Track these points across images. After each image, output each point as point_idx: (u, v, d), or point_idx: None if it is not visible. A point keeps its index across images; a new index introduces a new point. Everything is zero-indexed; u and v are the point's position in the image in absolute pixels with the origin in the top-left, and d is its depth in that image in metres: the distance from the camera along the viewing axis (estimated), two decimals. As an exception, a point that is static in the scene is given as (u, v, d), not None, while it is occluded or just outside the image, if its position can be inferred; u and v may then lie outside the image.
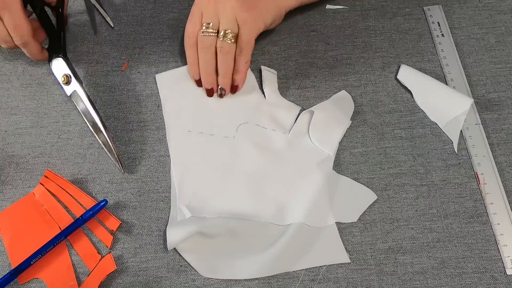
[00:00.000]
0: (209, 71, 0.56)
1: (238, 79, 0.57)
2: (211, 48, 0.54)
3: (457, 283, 0.47)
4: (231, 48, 0.54)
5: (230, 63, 0.55)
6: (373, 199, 0.51)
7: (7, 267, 0.49)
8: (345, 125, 0.55)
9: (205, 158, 0.54)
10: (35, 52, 0.57)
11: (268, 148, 0.54)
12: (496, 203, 0.51)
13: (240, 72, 0.56)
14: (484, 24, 0.62)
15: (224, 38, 0.53)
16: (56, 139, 0.56)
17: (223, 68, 0.55)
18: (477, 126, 0.55)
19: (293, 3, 0.59)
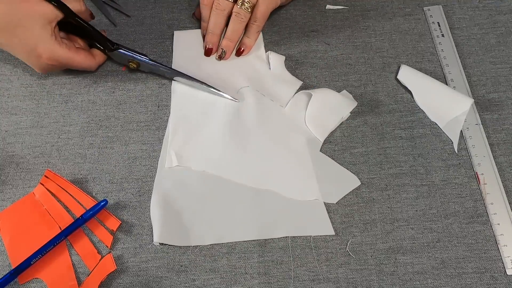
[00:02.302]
0: (215, 31, 0.59)
1: (247, 43, 0.60)
2: (224, 11, 0.57)
3: (457, 283, 0.47)
4: (246, 16, 0.57)
5: (241, 30, 0.59)
6: (357, 184, 0.52)
7: (7, 267, 0.49)
8: (342, 115, 0.56)
9: (202, 112, 0.57)
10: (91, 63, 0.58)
11: (263, 116, 0.56)
12: (496, 203, 0.51)
13: (251, 38, 0.59)
14: (484, 24, 0.62)
15: (242, 5, 0.56)
16: (56, 139, 0.56)
17: (232, 33, 0.58)
18: (477, 126, 0.55)
19: None
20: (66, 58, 0.55)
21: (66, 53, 0.55)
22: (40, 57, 0.54)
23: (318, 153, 0.54)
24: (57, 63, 0.55)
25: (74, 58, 0.56)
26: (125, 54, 0.58)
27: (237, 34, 0.59)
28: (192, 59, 0.60)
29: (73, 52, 0.56)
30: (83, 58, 0.57)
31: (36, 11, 0.52)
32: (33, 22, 0.52)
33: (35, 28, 0.53)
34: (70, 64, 0.56)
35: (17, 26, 0.52)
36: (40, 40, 0.53)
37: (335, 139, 0.55)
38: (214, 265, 0.49)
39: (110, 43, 0.59)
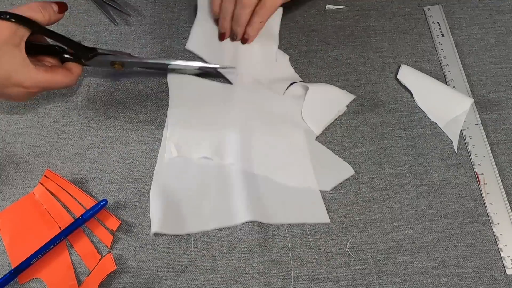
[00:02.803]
0: (226, 17, 0.60)
1: (249, 32, 0.59)
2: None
3: (457, 283, 0.47)
4: (249, 4, 0.57)
5: (243, 18, 0.58)
6: (350, 174, 0.53)
7: (7, 267, 0.49)
8: (339, 108, 0.56)
9: (199, 100, 0.58)
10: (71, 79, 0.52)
11: (261, 103, 0.57)
12: (496, 203, 0.51)
13: (252, 27, 0.59)
14: (484, 24, 0.62)
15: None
16: (56, 139, 0.56)
17: (236, 18, 0.59)
18: (477, 126, 0.55)
19: None
20: (46, 81, 0.49)
21: (45, 76, 0.49)
22: (19, 86, 0.48)
23: (314, 142, 0.55)
24: (37, 89, 0.49)
25: (54, 79, 0.50)
26: (106, 57, 0.54)
27: (243, 20, 0.58)
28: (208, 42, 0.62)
29: (51, 73, 0.49)
30: (62, 76, 0.50)
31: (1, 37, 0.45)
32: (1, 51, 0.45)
33: (4, 57, 0.46)
34: (50, 87, 0.50)
35: None
36: (14, 68, 0.46)
37: (335, 139, 0.55)
38: (214, 265, 0.49)
39: (88, 50, 0.53)
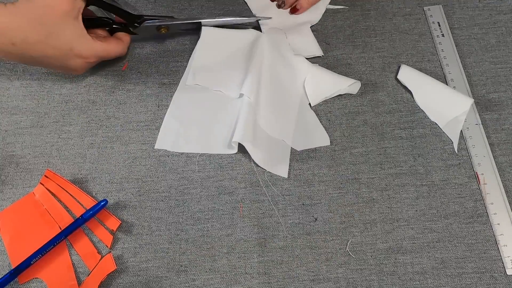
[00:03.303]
0: None
1: (303, 3, 0.61)
2: None
3: (457, 283, 0.47)
4: None
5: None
6: (326, 144, 0.55)
7: (7, 267, 0.49)
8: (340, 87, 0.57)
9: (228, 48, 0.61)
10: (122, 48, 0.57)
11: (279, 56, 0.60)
12: (496, 203, 0.51)
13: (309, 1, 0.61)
14: (484, 24, 0.62)
15: None
16: (56, 139, 0.56)
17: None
18: (477, 126, 0.55)
19: None
20: (103, 51, 0.54)
21: (101, 45, 0.53)
22: (79, 57, 0.52)
23: (307, 105, 0.57)
24: (96, 58, 0.54)
25: (109, 48, 0.54)
26: (153, 24, 0.58)
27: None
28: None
29: (106, 43, 0.54)
30: (115, 45, 0.55)
31: (61, 10, 0.49)
32: (62, 24, 0.49)
33: (66, 29, 0.50)
34: (105, 56, 0.55)
35: (48, 35, 0.49)
36: (75, 40, 0.51)
37: (335, 139, 0.55)
38: (214, 265, 0.49)
39: (135, 17, 0.58)
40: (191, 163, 0.55)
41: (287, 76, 0.58)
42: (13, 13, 0.48)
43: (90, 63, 0.55)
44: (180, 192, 0.53)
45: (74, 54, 0.52)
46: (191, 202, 0.52)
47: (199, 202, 0.52)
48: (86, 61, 0.53)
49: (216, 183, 0.53)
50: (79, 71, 0.55)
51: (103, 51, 0.54)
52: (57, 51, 0.51)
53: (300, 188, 0.53)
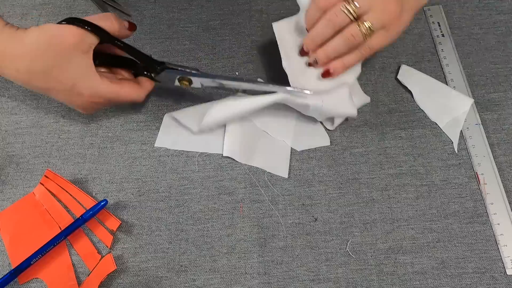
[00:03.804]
0: (316, 40, 0.51)
1: (337, 68, 0.51)
2: (337, 26, 0.48)
3: (457, 283, 0.47)
4: (359, 41, 0.48)
5: (343, 52, 0.50)
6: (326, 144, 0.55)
7: (7, 267, 0.49)
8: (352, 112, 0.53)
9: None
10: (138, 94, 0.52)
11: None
12: (496, 203, 0.51)
13: (345, 65, 0.51)
14: (484, 24, 0.62)
15: (361, 27, 0.47)
16: (56, 139, 0.56)
17: (333, 50, 0.50)
18: (477, 126, 0.55)
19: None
20: (110, 93, 0.49)
21: (108, 87, 0.49)
22: (81, 95, 0.48)
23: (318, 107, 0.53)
24: (101, 99, 0.49)
25: (120, 92, 0.49)
26: (173, 72, 0.52)
27: (337, 54, 0.50)
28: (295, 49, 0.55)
29: (117, 85, 0.49)
30: (129, 89, 0.50)
31: (69, 43, 0.45)
32: (68, 57, 0.46)
33: (71, 63, 0.46)
34: (115, 99, 0.50)
35: (52, 66, 0.46)
36: (79, 76, 0.47)
37: (335, 139, 0.55)
38: (214, 265, 0.49)
39: (156, 63, 0.51)
40: (191, 163, 0.55)
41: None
42: (21, 39, 0.45)
43: (96, 104, 0.50)
44: (180, 192, 0.53)
45: (77, 91, 0.48)
46: (191, 202, 0.52)
47: (199, 202, 0.52)
48: (91, 100, 0.49)
49: (216, 183, 0.53)
50: (87, 111, 0.52)
51: (112, 93, 0.49)
52: (60, 85, 0.47)
53: (300, 188, 0.53)
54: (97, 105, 0.51)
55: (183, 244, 0.50)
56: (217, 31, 0.64)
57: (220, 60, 0.61)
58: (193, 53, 0.62)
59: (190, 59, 0.61)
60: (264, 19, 0.64)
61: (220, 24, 0.64)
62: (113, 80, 0.50)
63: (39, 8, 0.66)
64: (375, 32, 0.48)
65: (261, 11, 0.65)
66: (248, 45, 0.62)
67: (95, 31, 0.47)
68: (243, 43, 0.62)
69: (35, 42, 0.45)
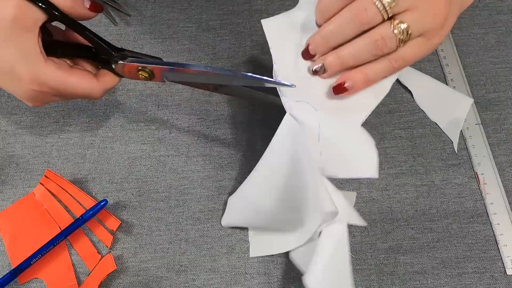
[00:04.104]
0: (330, 39, 0.38)
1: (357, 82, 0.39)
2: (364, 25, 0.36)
3: (457, 283, 0.47)
4: (390, 48, 0.37)
5: (366, 59, 0.38)
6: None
7: (7, 267, 0.49)
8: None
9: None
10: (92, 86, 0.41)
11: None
12: (496, 203, 0.51)
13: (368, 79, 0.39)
14: (484, 24, 0.62)
15: (395, 29, 0.36)
16: (56, 139, 0.56)
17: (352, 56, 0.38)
18: (477, 126, 0.55)
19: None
20: (54, 80, 0.39)
21: (53, 72, 0.39)
22: (21, 80, 0.38)
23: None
24: (45, 87, 0.39)
25: (67, 81, 0.40)
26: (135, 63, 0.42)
27: (358, 62, 0.38)
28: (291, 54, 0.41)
29: (64, 72, 0.40)
30: (80, 80, 0.40)
31: (5, 16, 0.36)
32: (4, 33, 0.36)
33: (9, 41, 0.37)
34: (64, 90, 0.40)
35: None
36: (18, 57, 0.37)
37: (335, 139, 0.55)
38: (214, 265, 0.49)
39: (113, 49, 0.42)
40: (191, 163, 0.55)
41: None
42: None
43: (40, 93, 0.40)
44: (180, 192, 0.53)
45: (16, 76, 0.38)
46: (191, 202, 0.52)
47: (199, 202, 0.52)
48: (31, 88, 0.39)
49: (216, 183, 0.53)
50: (34, 102, 0.41)
51: (57, 81, 0.39)
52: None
53: (300, 188, 0.53)
54: (43, 95, 0.40)
55: (183, 244, 0.50)
56: (217, 31, 0.64)
57: (220, 60, 0.61)
58: (193, 53, 0.62)
59: (190, 59, 0.61)
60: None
61: (220, 24, 0.64)
62: (62, 66, 0.40)
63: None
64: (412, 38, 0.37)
65: (261, 11, 0.65)
66: (248, 45, 0.62)
67: (42, 5, 0.37)
68: (243, 43, 0.62)
69: None
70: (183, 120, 0.57)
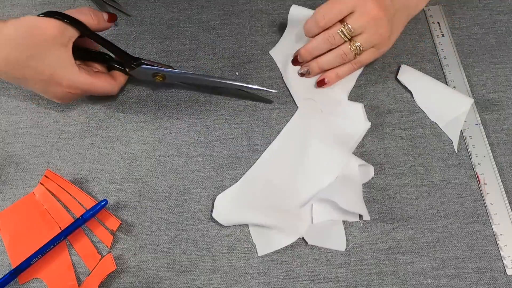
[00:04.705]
0: (312, 53, 0.56)
1: (331, 78, 0.57)
2: (333, 45, 0.54)
3: (457, 283, 0.47)
4: (350, 58, 0.55)
5: (333, 64, 0.56)
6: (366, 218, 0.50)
7: (7, 267, 0.49)
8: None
9: None
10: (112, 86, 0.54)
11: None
12: (496, 203, 0.51)
13: (338, 76, 0.57)
14: (484, 24, 0.62)
15: (352, 47, 0.53)
16: (56, 139, 0.56)
17: (327, 64, 0.56)
18: (477, 126, 0.55)
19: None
20: (87, 84, 0.51)
21: (86, 79, 0.51)
22: (59, 85, 0.50)
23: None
24: (78, 90, 0.51)
25: (96, 84, 0.52)
26: (149, 68, 0.54)
27: (330, 67, 0.56)
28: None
29: (93, 77, 0.52)
30: (104, 82, 0.53)
31: (48, 34, 0.47)
32: (47, 48, 0.47)
33: (50, 54, 0.48)
34: (91, 90, 0.52)
35: (30, 56, 0.47)
36: (58, 66, 0.49)
37: (335, 139, 0.55)
38: (214, 265, 0.49)
39: (132, 59, 0.54)
40: (191, 163, 0.55)
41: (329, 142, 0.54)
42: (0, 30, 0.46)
43: (72, 94, 0.52)
44: (180, 192, 0.53)
45: (55, 81, 0.49)
46: (191, 202, 0.52)
47: (199, 202, 0.52)
48: (67, 91, 0.51)
49: (216, 183, 0.53)
50: (63, 100, 0.53)
51: (88, 84, 0.51)
52: (37, 75, 0.49)
53: (300, 188, 0.53)
54: (73, 96, 0.53)
55: (183, 244, 0.50)
56: (217, 31, 0.64)
57: (220, 60, 0.61)
58: (193, 53, 0.62)
59: (190, 59, 0.61)
60: (264, 19, 0.64)
61: (220, 24, 0.64)
62: (90, 72, 0.52)
63: (39, 8, 0.66)
64: (364, 50, 0.54)
65: (261, 11, 0.65)
66: (248, 45, 0.62)
67: (74, 25, 0.49)
68: (243, 43, 0.62)
69: (13, 33, 0.46)
70: (183, 120, 0.57)
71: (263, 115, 0.57)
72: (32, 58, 0.47)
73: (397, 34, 0.56)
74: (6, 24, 0.46)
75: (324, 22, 0.53)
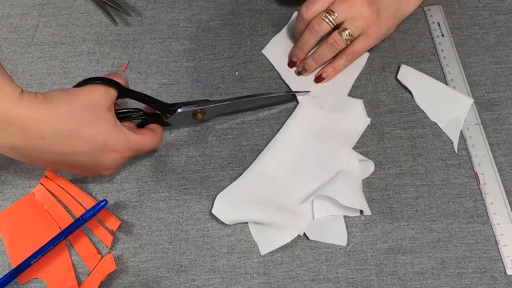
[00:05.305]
0: (303, 49, 0.57)
1: (329, 73, 0.58)
2: (320, 33, 0.55)
3: (457, 283, 0.47)
4: (341, 47, 0.55)
5: (329, 58, 0.57)
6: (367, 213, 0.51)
7: (7, 267, 0.49)
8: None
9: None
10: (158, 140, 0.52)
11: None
12: (496, 203, 0.51)
13: (335, 69, 0.58)
14: (484, 24, 0.62)
15: (342, 34, 0.54)
16: (56, 139, 0.56)
17: (319, 57, 0.57)
18: (477, 126, 0.55)
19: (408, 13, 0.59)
20: (138, 144, 0.48)
21: (137, 137, 0.48)
22: (113, 151, 0.46)
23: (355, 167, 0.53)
24: (131, 152, 0.48)
25: (144, 141, 0.49)
26: (188, 110, 0.52)
27: (324, 60, 0.57)
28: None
29: (140, 135, 0.49)
30: (150, 137, 0.50)
31: (95, 100, 0.45)
32: (97, 113, 0.45)
33: (100, 120, 0.45)
34: (141, 150, 0.49)
35: (83, 125, 0.43)
36: (109, 131, 0.45)
37: (335, 139, 0.55)
38: (214, 265, 0.49)
39: (169, 105, 0.52)
40: (191, 163, 0.55)
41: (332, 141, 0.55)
42: (45, 104, 0.42)
43: (124, 158, 0.48)
44: (180, 192, 0.53)
45: (108, 148, 0.46)
46: (191, 202, 0.52)
47: (199, 202, 0.52)
48: (120, 155, 0.47)
49: (216, 183, 0.53)
50: (111, 170, 0.49)
51: (139, 144, 0.48)
52: (90, 145, 0.44)
53: (300, 188, 0.53)
54: (125, 160, 0.49)
55: (183, 244, 0.50)
56: (217, 31, 0.64)
57: (220, 60, 0.61)
58: (193, 53, 0.62)
59: (190, 59, 0.61)
60: (264, 19, 0.64)
61: (220, 24, 0.64)
62: (135, 131, 0.49)
63: (39, 8, 0.66)
64: (355, 38, 0.55)
65: (261, 11, 0.65)
66: (248, 45, 0.62)
67: (113, 85, 0.46)
68: (243, 43, 0.63)
69: (61, 103, 0.43)
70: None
71: (263, 115, 0.57)
72: (83, 129, 0.44)
73: (388, 22, 0.56)
74: (52, 96, 0.43)
75: (307, 14, 0.54)
